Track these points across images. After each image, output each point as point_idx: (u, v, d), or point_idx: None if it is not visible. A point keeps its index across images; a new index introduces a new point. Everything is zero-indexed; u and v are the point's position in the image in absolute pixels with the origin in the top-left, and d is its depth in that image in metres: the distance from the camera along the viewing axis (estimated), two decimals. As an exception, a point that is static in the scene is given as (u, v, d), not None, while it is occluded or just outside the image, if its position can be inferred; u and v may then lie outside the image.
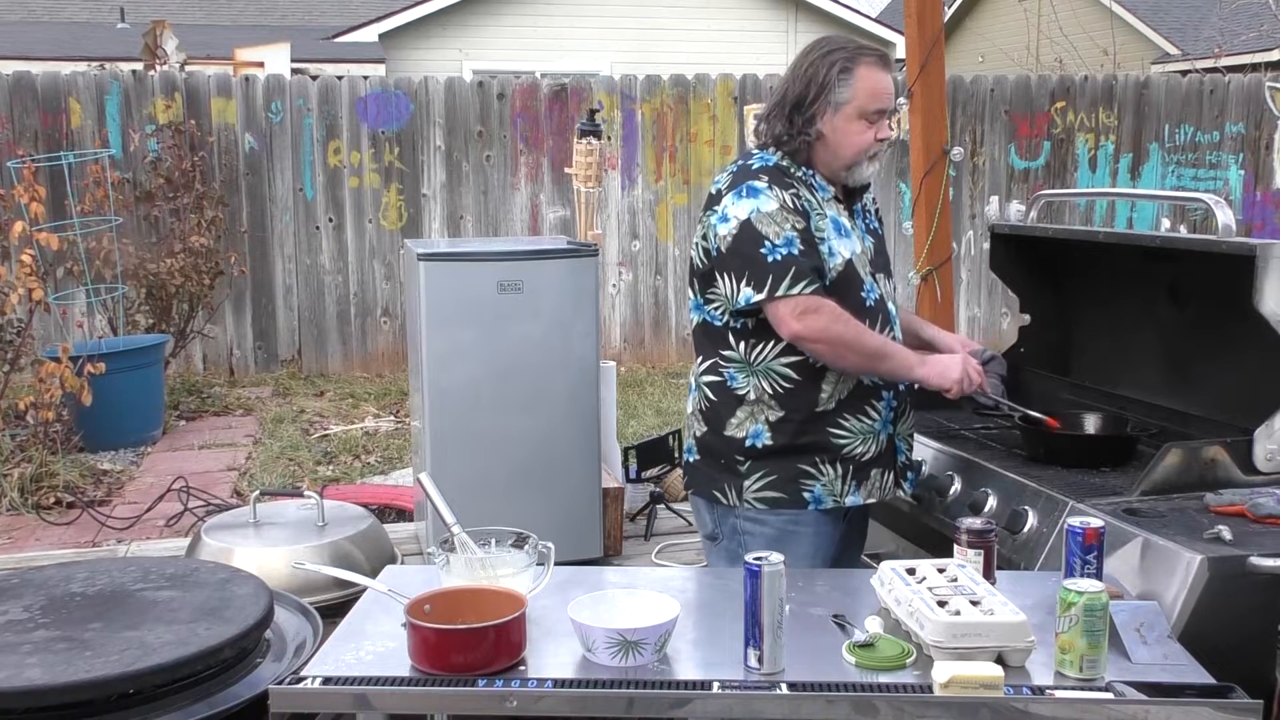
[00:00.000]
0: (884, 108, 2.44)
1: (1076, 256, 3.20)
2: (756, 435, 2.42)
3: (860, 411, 2.45)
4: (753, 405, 2.42)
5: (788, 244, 2.33)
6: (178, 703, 1.94)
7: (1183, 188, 9.33)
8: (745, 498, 2.42)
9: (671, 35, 13.67)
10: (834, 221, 2.44)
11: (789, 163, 2.45)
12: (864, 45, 2.47)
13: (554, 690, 1.67)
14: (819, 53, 2.43)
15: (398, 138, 8.34)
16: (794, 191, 2.39)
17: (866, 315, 2.43)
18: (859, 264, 2.45)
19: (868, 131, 2.43)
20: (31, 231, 5.60)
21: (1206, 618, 1.91)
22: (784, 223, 2.34)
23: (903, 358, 2.43)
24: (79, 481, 5.49)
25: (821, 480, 2.42)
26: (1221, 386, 2.70)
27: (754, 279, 2.33)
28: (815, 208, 2.41)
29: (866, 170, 2.49)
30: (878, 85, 2.42)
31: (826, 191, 2.47)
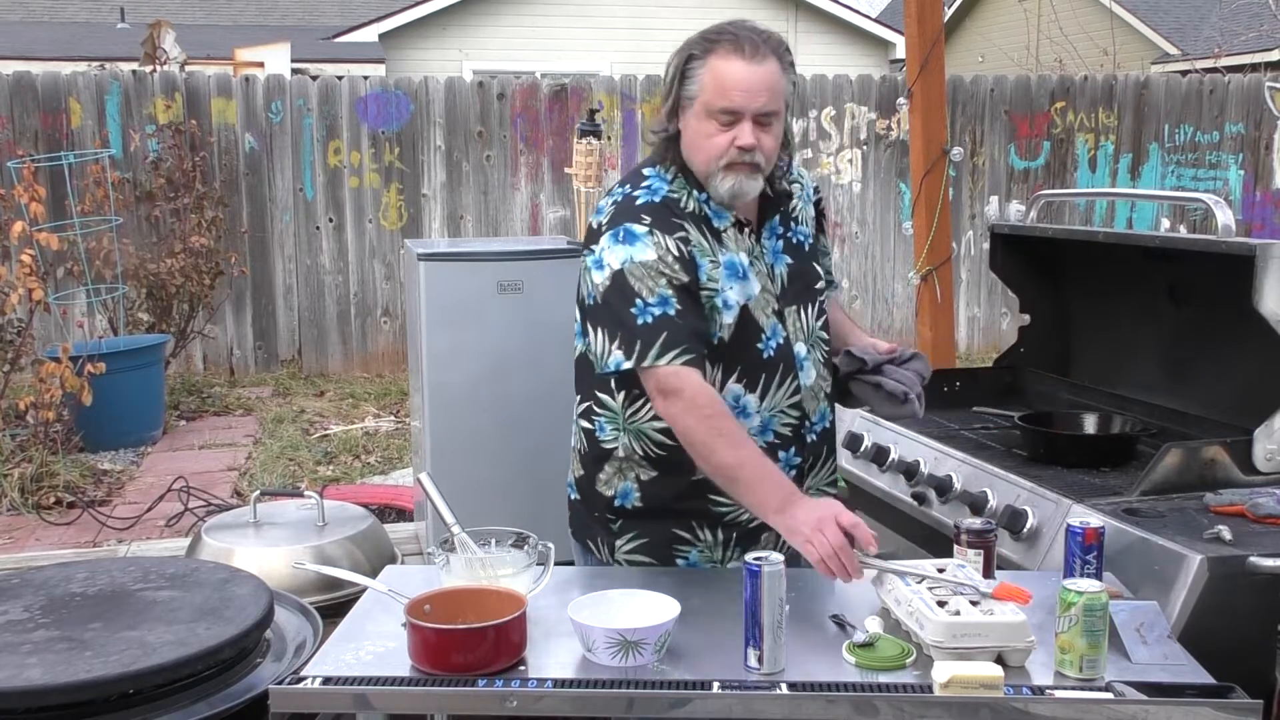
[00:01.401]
0: (733, 106, 2.00)
1: (1076, 256, 3.20)
2: (625, 494, 2.15)
3: None
4: (621, 463, 2.15)
5: (662, 303, 1.99)
6: (178, 703, 1.94)
7: (1182, 188, 9.33)
8: (617, 556, 2.18)
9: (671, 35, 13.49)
10: (730, 265, 2.09)
11: (679, 188, 2.10)
12: (730, 31, 2.05)
13: (554, 690, 1.67)
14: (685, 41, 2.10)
15: (398, 138, 8.34)
16: (681, 235, 2.04)
17: (764, 370, 2.11)
18: (758, 308, 2.11)
19: (720, 135, 2.02)
20: (32, 231, 5.60)
21: (1206, 618, 1.91)
22: (659, 277, 2.00)
23: (760, 492, 1.96)
24: (79, 481, 5.49)
25: (698, 546, 2.15)
26: (1221, 386, 2.70)
27: (624, 342, 2.00)
28: (707, 252, 2.07)
29: (726, 183, 2.05)
30: (726, 78, 2.00)
31: (724, 219, 2.11)
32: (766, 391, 2.12)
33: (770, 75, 2.02)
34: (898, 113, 8.81)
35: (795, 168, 2.31)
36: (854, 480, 3.12)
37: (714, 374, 2.09)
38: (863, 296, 9.30)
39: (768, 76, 2.02)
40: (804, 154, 9.04)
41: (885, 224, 9.22)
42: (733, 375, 2.10)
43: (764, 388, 2.12)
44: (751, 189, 2.08)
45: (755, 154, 2.03)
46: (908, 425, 2.97)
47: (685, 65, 2.06)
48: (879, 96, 9.06)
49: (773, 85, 2.03)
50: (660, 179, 2.12)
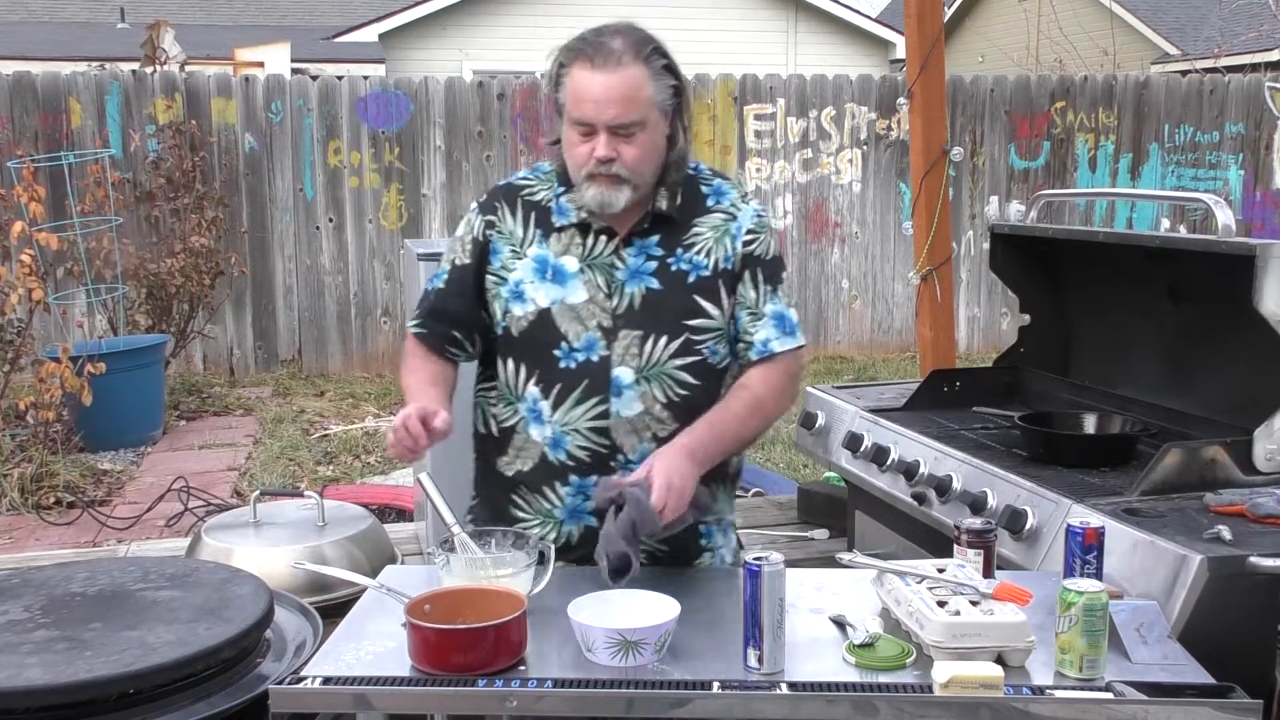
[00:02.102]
0: (585, 118, 1.97)
1: (1076, 256, 3.20)
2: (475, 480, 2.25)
3: (537, 491, 2.10)
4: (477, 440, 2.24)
5: (439, 276, 2.16)
6: (178, 703, 1.94)
7: (1183, 188, 9.34)
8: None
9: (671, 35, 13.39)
10: (540, 262, 2.06)
11: (541, 176, 2.15)
12: (588, 40, 2.02)
13: (554, 690, 1.67)
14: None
15: (398, 138, 8.35)
16: (490, 219, 2.11)
17: (561, 380, 2.04)
18: (569, 316, 2.03)
19: (581, 145, 1.99)
20: (31, 231, 5.60)
21: (1206, 618, 1.92)
22: (453, 253, 2.15)
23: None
24: (79, 481, 5.49)
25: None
26: (1221, 386, 2.70)
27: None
28: (513, 241, 2.09)
29: (589, 192, 2.00)
30: (579, 90, 1.97)
31: (566, 215, 2.08)
32: (560, 404, 2.05)
33: (624, 84, 1.95)
34: (898, 113, 8.81)
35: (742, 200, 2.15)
36: (854, 480, 3.12)
37: (513, 368, 2.10)
38: (863, 296, 9.30)
39: (621, 85, 1.95)
40: (804, 154, 9.04)
41: (885, 224, 9.22)
42: (531, 377, 2.08)
43: (558, 399, 2.05)
44: (616, 200, 2.00)
45: (614, 165, 1.98)
46: (908, 425, 2.97)
47: (558, 73, 2.04)
48: (879, 96, 9.06)
49: (627, 95, 1.95)
50: (534, 170, 2.19)
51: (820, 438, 3.33)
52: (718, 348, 2.09)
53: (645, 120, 1.99)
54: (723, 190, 2.15)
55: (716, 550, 2.21)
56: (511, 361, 2.10)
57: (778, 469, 5.84)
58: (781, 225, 9.09)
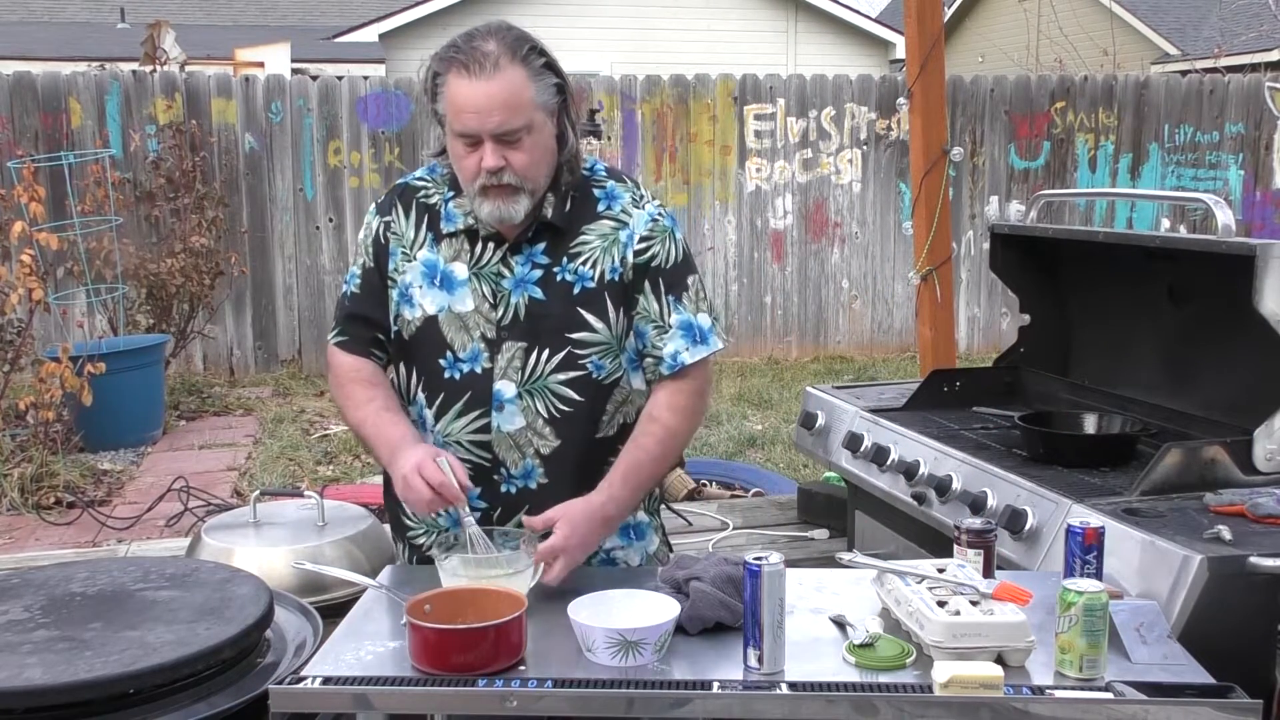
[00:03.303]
0: (468, 130, 1.89)
1: (1076, 256, 3.20)
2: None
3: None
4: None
5: (350, 280, 2.12)
6: (178, 703, 1.94)
7: (1183, 188, 9.34)
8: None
9: (671, 35, 13.68)
10: (429, 267, 2.01)
11: (435, 179, 2.08)
12: (459, 48, 1.93)
13: (554, 690, 1.67)
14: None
15: (398, 138, 8.35)
16: (388, 220, 2.06)
17: (445, 389, 2.00)
18: (454, 325, 2.00)
19: (469, 156, 1.91)
20: (31, 231, 5.60)
21: (1206, 618, 1.92)
22: (360, 256, 2.10)
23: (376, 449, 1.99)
24: (79, 481, 5.49)
25: (398, 562, 2.21)
26: (1221, 386, 2.70)
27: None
28: (405, 243, 2.04)
29: (484, 207, 1.93)
30: (457, 100, 1.89)
31: (453, 222, 2.02)
32: (444, 413, 2.02)
33: (505, 89, 1.88)
34: (898, 113, 8.81)
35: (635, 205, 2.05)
36: (854, 480, 3.12)
37: (404, 372, 2.11)
38: (863, 296, 9.30)
39: (501, 92, 1.87)
40: (804, 154, 9.04)
41: (885, 224, 9.22)
42: (420, 383, 2.07)
43: (442, 408, 2.02)
44: (514, 212, 1.93)
45: (505, 174, 1.90)
46: (908, 425, 2.97)
47: (433, 84, 1.94)
48: (879, 96, 9.06)
49: (509, 101, 1.88)
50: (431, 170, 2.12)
51: (820, 438, 3.33)
52: (603, 363, 2.02)
53: (531, 124, 1.91)
54: (615, 194, 2.05)
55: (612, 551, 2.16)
56: (403, 365, 2.11)
57: (778, 469, 5.84)
58: (781, 225, 9.09)
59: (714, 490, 5.16)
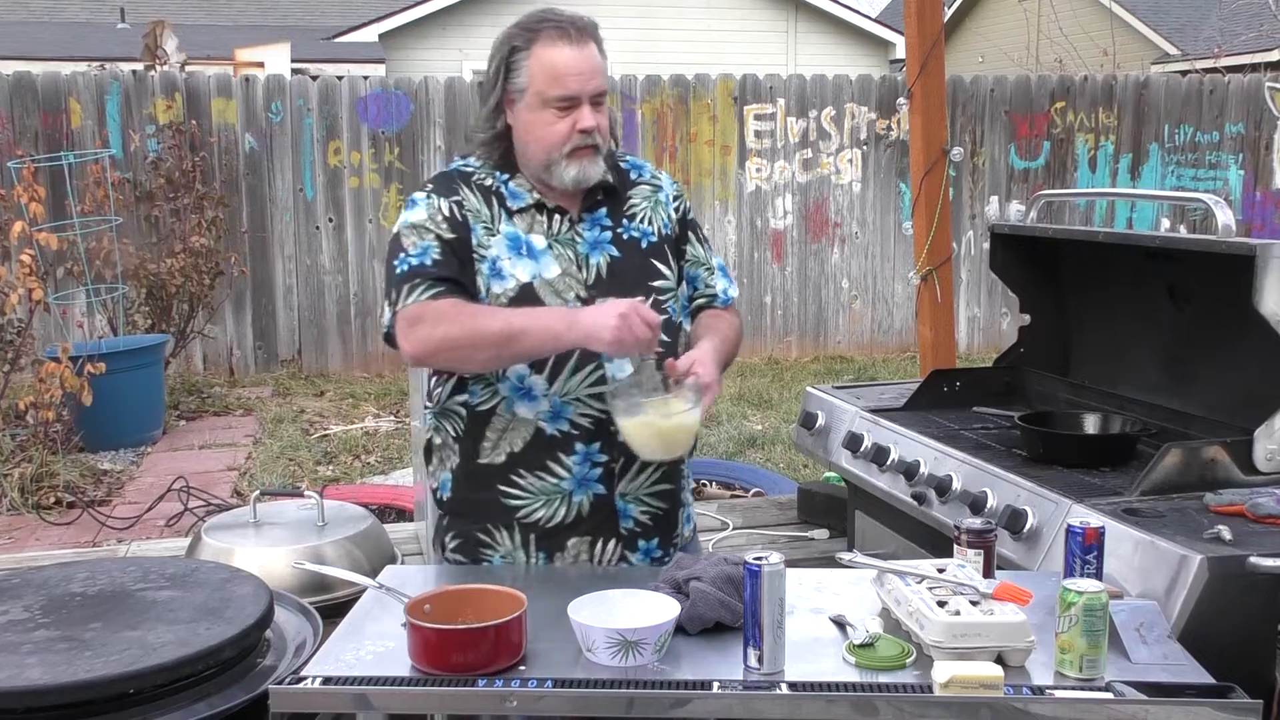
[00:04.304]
0: (570, 92, 2.00)
1: (1076, 256, 3.20)
2: (444, 485, 2.17)
3: (539, 467, 2.07)
4: (440, 451, 2.18)
5: (421, 253, 2.02)
6: (178, 703, 1.94)
7: (1182, 188, 9.34)
8: (446, 555, 2.20)
9: (671, 35, 13.68)
10: (512, 239, 2.07)
11: (477, 167, 2.13)
12: (549, 18, 2.03)
13: (554, 690, 1.67)
14: (501, 34, 2.06)
15: (398, 138, 8.35)
16: (457, 199, 2.07)
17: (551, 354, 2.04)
18: (548, 289, 2.06)
19: (559, 122, 2.01)
20: (31, 231, 5.61)
21: (1206, 618, 1.91)
22: (426, 233, 2.03)
23: (541, 328, 1.95)
24: (79, 481, 5.49)
25: (499, 549, 2.13)
26: (1221, 386, 2.70)
27: (388, 297, 2.04)
28: (484, 219, 2.07)
29: (569, 170, 2.04)
30: (558, 65, 2.00)
31: (520, 199, 2.10)
32: (558, 374, 2.05)
33: (595, 57, 2.06)
34: (898, 113, 8.81)
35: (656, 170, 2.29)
36: (854, 480, 3.12)
37: None
38: (863, 296, 9.30)
39: (593, 58, 2.05)
40: (804, 154, 9.04)
41: (885, 224, 9.22)
42: None
43: (554, 370, 2.05)
44: (595, 172, 2.07)
45: (595, 135, 2.04)
46: (908, 425, 2.97)
47: (510, 61, 2.04)
48: (879, 96, 9.06)
49: (599, 67, 2.06)
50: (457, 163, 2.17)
51: (820, 438, 3.33)
52: (674, 307, 2.18)
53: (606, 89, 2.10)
54: (637, 164, 2.27)
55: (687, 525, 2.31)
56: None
57: (778, 469, 5.85)
58: (781, 225, 9.09)
59: (714, 490, 5.16)
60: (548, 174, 2.06)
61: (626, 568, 2.17)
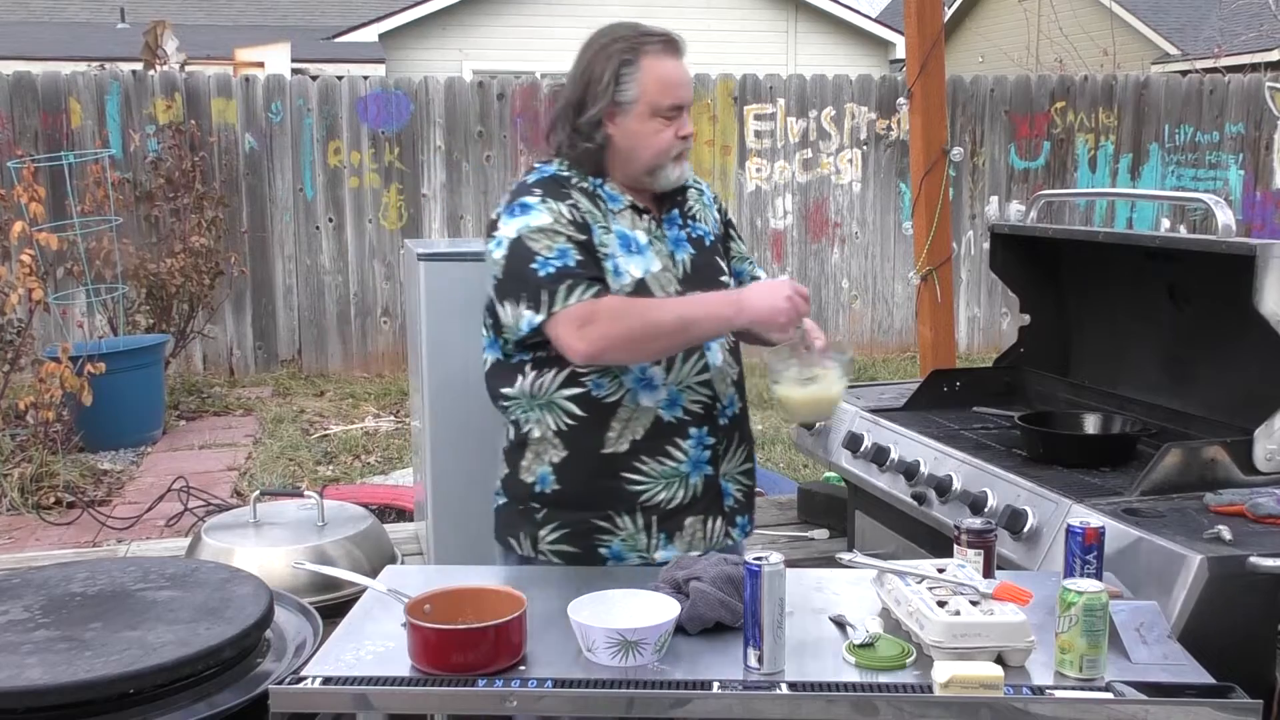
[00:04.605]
0: (679, 102, 2.16)
1: (1076, 256, 3.20)
2: (544, 480, 2.19)
3: (660, 453, 2.17)
4: (537, 445, 2.19)
5: (561, 255, 2.07)
6: (178, 703, 1.94)
7: (1183, 188, 9.34)
8: (540, 548, 2.20)
9: (671, 35, 13.67)
10: (622, 237, 2.17)
11: (572, 172, 2.20)
12: (647, 32, 2.17)
13: (554, 690, 1.67)
14: (596, 47, 2.17)
15: (398, 138, 8.35)
16: (571, 202, 2.14)
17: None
18: (656, 284, 2.17)
19: (665, 130, 2.15)
20: (31, 231, 5.61)
21: (1206, 618, 1.91)
22: (556, 236, 2.09)
23: (712, 316, 2.10)
24: (79, 481, 5.49)
25: (620, 534, 2.17)
26: (1221, 386, 2.70)
27: (530, 299, 2.07)
28: (599, 220, 2.16)
29: (673, 173, 2.20)
30: (667, 77, 2.14)
31: (618, 202, 2.20)
32: (672, 365, 2.17)
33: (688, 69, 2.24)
34: (898, 113, 8.81)
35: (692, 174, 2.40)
36: (854, 480, 3.12)
37: None
38: (863, 296, 9.31)
39: (688, 70, 2.23)
40: (804, 154, 9.04)
41: (885, 224, 9.23)
42: None
43: (669, 360, 2.16)
44: (687, 174, 2.26)
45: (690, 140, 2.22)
46: (908, 425, 2.97)
47: (620, 71, 2.13)
48: (879, 96, 9.06)
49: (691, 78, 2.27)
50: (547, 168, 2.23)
51: (820, 438, 3.33)
52: None
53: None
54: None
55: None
56: None
57: (778, 469, 5.84)
58: (781, 225, 9.09)
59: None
60: (650, 178, 2.19)
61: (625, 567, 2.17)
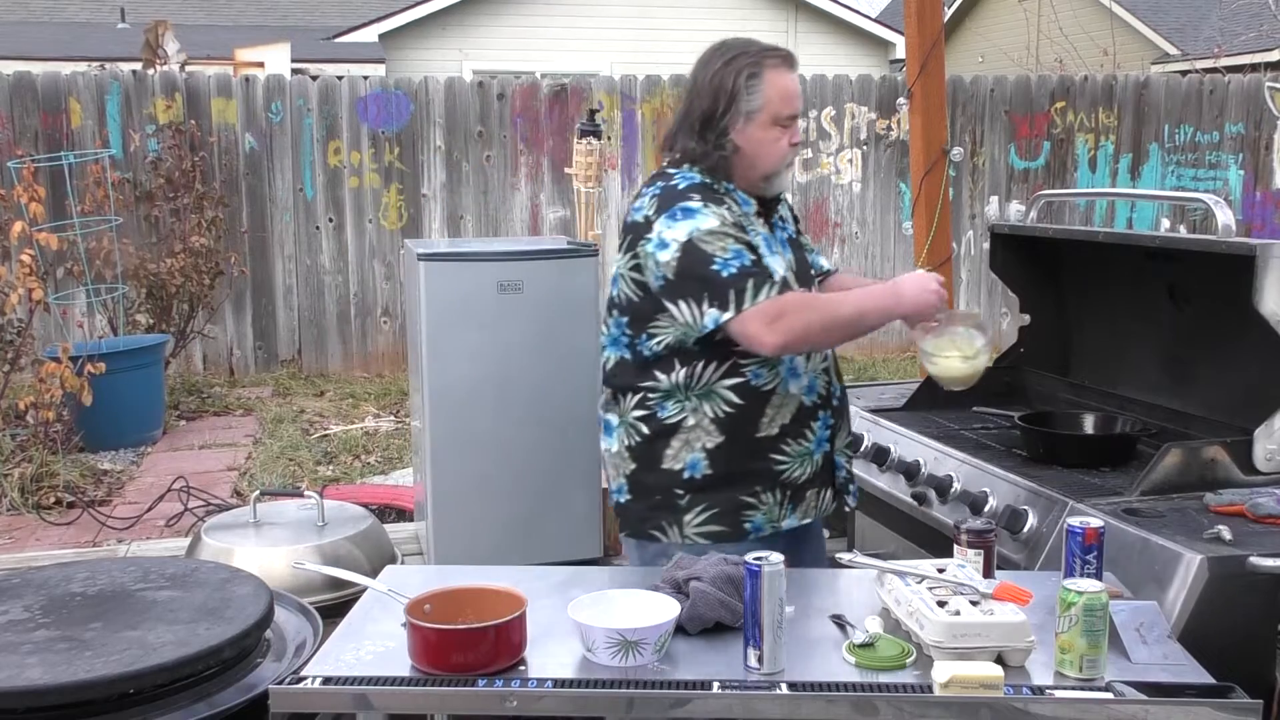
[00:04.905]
0: (795, 112, 2.35)
1: (1076, 256, 3.20)
2: (694, 465, 2.30)
3: (799, 435, 2.36)
4: (688, 433, 2.30)
5: (737, 256, 2.22)
6: (178, 703, 1.94)
7: (1182, 188, 9.34)
8: (686, 533, 2.31)
9: (671, 35, 13.65)
10: (764, 237, 2.35)
11: (710, 179, 2.33)
12: (767, 47, 2.35)
13: (554, 690, 1.67)
14: (721, 61, 2.32)
15: (398, 138, 8.35)
16: (727, 206, 2.30)
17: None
18: (793, 280, 2.35)
19: (784, 138, 2.33)
20: (31, 231, 5.60)
21: (1206, 618, 1.92)
22: (726, 238, 2.23)
23: (879, 308, 2.33)
24: (79, 481, 5.49)
25: (761, 509, 2.33)
26: (1221, 386, 2.70)
27: (715, 298, 2.19)
28: (748, 223, 2.33)
29: (786, 178, 2.41)
30: (788, 88, 2.32)
31: (749, 205, 2.37)
32: (811, 354, 2.37)
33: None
34: (898, 113, 8.81)
35: None
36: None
37: None
38: (863, 296, 9.29)
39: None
40: (804, 154, 9.04)
41: (885, 224, 9.22)
42: None
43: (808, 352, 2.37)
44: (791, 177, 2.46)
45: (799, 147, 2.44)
46: (908, 425, 2.97)
47: (748, 82, 2.29)
48: (879, 96, 9.06)
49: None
50: (689, 174, 2.33)
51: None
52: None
53: None
54: None
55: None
56: None
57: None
58: (781, 225, 9.08)
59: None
60: (766, 183, 2.36)
61: (625, 567, 2.18)
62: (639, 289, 2.31)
